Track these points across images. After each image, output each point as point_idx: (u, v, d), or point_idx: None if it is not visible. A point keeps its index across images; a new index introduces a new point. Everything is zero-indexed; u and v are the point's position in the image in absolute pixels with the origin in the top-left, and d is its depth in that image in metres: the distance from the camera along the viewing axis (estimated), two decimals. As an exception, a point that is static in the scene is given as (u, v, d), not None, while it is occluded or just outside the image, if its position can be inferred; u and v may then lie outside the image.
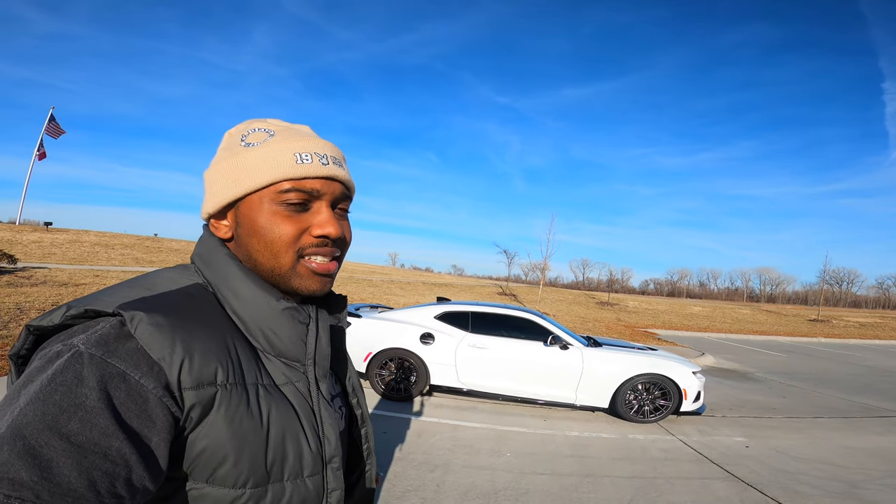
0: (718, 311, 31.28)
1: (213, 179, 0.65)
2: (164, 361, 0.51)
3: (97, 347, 0.48)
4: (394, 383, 5.49)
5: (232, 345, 0.58)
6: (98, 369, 0.47)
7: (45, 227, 22.46)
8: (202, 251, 0.66)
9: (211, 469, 0.54)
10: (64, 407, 0.44)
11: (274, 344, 0.62)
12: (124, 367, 0.48)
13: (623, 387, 5.38)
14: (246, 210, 0.63)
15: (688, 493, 3.59)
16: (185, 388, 0.51)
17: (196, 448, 0.53)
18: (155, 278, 0.62)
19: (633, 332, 16.39)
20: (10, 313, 6.67)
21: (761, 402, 7.12)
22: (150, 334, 0.51)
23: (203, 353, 0.53)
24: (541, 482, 3.59)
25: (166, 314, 0.54)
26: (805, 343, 19.20)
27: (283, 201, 0.61)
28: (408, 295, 20.12)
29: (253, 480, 0.56)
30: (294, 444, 0.59)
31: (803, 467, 4.35)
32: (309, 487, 0.61)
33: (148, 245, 22.70)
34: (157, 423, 0.49)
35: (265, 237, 0.62)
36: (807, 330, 24.70)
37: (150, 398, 0.49)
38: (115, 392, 0.47)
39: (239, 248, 0.65)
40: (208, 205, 0.66)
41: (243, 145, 0.64)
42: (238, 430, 0.54)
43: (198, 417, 0.52)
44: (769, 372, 10.25)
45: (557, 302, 28.12)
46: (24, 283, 9.43)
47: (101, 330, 0.50)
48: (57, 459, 0.42)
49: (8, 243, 15.35)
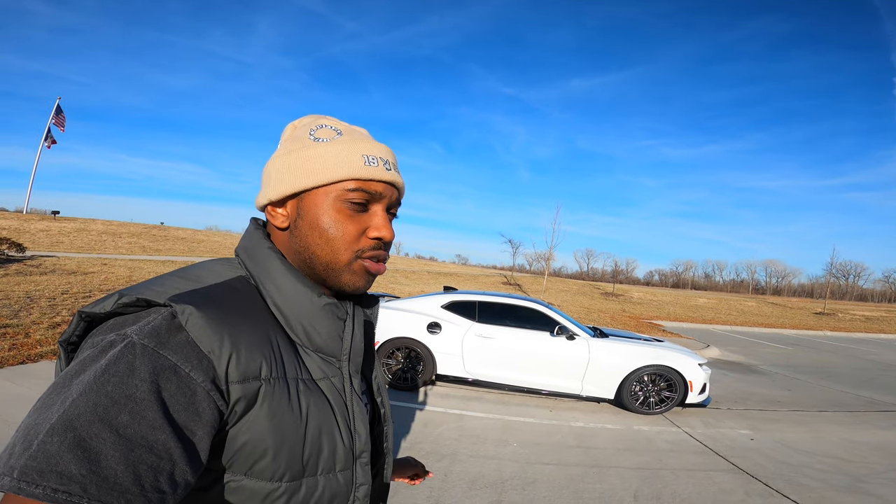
0: (724, 303, 31.22)
1: (279, 168, 0.66)
2: (214, 355, 0.51)
3: (150, 338, 0.49)
4: (400, 373, 5.52)
5: (274, 339, 0.59)
6: (150, 361, 0.47)
7: (53, 216, 22.61)
8: (248, 244, 0.67)
9: (251, 462, 0.54)
10: (116, 398, 0.44)
11: (313, 339, 0.63)
12: (175, 360, 0.49)
13: (629, 378, 5.40)
14: (310, 203, 0.64)
15: (693, 485, 3.61)
16: (231, 382, 0.52)
17: (238, 442, 0.53)
18: (202, 270, 0.63)
19: (638, 323, 16.38)
20: (21, 302, 6.73)
21: (766, 394, 7.12)
22: (201, 327, 0.52)
23: (249, 348, 0.54)
24: (547, 472, 3.62)
25: (215, 307, 0.54)
26: (811, 336, 19.14)
27: (348, 199, 0.63)
28: (412, 284, 20.17)
29: (290, 474, 0.57)
30: (329, 439, 0.60)
31: (808, 460, 4.36)
32: (340, 482, 0.62)
33: (154, 234, 22.82)
34: (203, 417, 0.49)
35: (327, 233, 0.63)
36: (812, 323, 24.61)
37: (199, 391, 0.49)
38: (166, 384, 0.47)
39: (295, 238, 0.65)
40: (271, 192, 0.65)
41: (312, 139, 0.65)
42: (279, 424, 0.55)
43: (241, 411, 0.53)
44: (774, 365, 10.25)
45: (562, 292, 28.12)
46: (32, 272, 9.52)
47: (154, 321, 0.51)
48: (106, 452, 0.42)
49: (16, 232, 15.46)
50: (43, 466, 0.40)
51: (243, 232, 0.69)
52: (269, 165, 0.68)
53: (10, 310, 6.19)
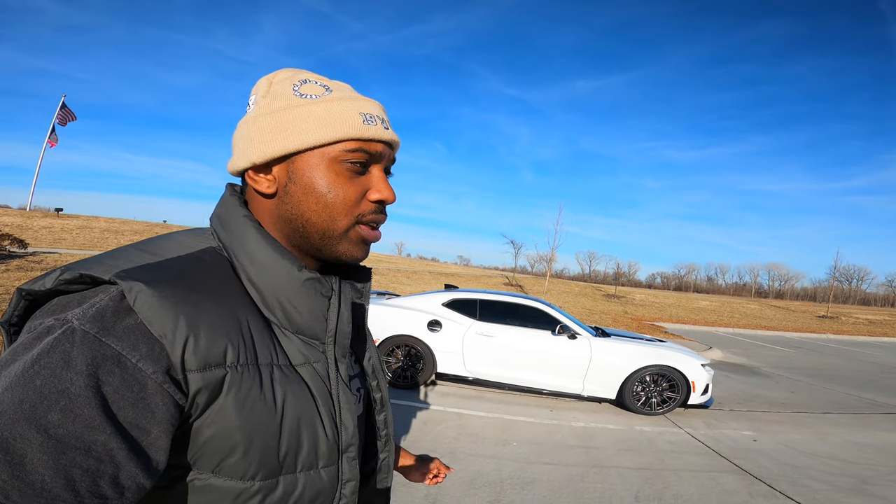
0: (726, 306, 31.11)
1: (262, 128, 0.58)
2: (166, 339, 0.45)
3: (92, 324, 0.43)
4: (400, 371, 5.49)
5: (244, 319, 0.52)
6: (90, 350, 0.42)
7: (56, 213, 22.68)
8: (221, 212, 0.60)
9: (218, 459, 0.49)
10: (45, 394, 0.39)
11: (292, 318, 0.57)
12: (120, 348, 0.43)
13: (631, 378, 5.35)
14: (303, 166, 0.57)
15: (695, 486, 3.57)
16: (189, 371, 0.46)
17: (202, 436, 0.48)
18: (164, 241, 0.57)
19: (639, 324, 16.33)
20: (21, 296, 6.74)
21: (769, 396, 7.07)
22: (151, 307, 0.45)
23: (210, 330, 0.48)
24: (547, 472, 3.58)
25: (170, 283, 0.48)
26: (814, 339, 19.05)
27: (347, 160, 0.57)
28: (414, 284, 20.15)
29: (263, 472, 0.51)
30: (310, 432, 0.54)
31: (812, 462, 4.31)
32: (323, 479, 0.56)
33: (157, 231, 22.86)
34: (157, 412, 0.44)
35: (325, 197, 0.57)
36: (815, 326, 24.52)
37: (149, 384, 0.43)
38: (107, 377, 0.42)
39: (285, 204, 0.59)
40: (253, 154, 0.58)
41: (298, 96, 0.58)
42: (249, 416, 0.49)
43: (204, 403, 0.47)
44: (777, 367, 10.19)
45: (564, 293, 28.06)
46: (34, 268, 9.53)
47: (99, 303, 0.45)
48: (31, 455, 0.37)
49: (18, 228, 15.51)
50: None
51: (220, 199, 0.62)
52: (244, 125, 0.60)
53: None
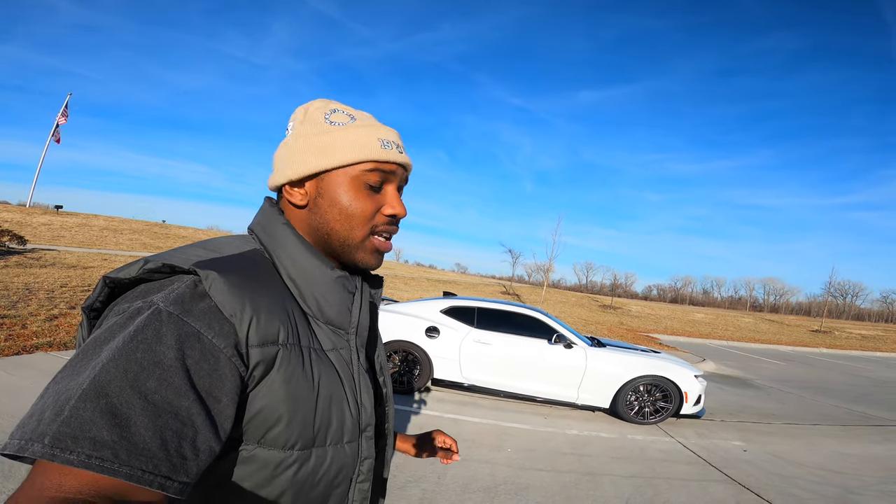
0: (721, 319, 31.25)
1: (297, 148, 0.68)
2: (236, 318, 0.53)
3: (175, 306, 0.50)
4: (397, 375, 5.54)
5: (289, 307, 0.61)
6: (175, 328, 0.48)
7: (56, 211, 22.64)
8: (262, 220, 0.69)
9: (265, 429, 0.55)
10: (145, 365, 0.45)
11: (324, 310, 0.65)
12: (199, 327, 0.50)
13: (625, 387, 5.42)
14: (331, 182, 0.67)
15: (685, 495, 3.63)
16: (251, 346, 0.53)
17: (254, 407, 0.54)
18: (220, 243, 0.65)
19: (635, 335, 16.41)
20: (19, 293, 6.76)
21: (760, 408, 7.14)
22: (223, 292, 0.53)
23: (268, 313, 0.56)
24: (540, 478, 3.64)
25: (237, 274, 0.56)
26: (806, 353, 19.16)
27: (366, 180, 0.67)
28: (411, 290, 20.18)
29: (301, 442, 0.58)
30: (338, 409, 0.62)
31: (800, 472, 4.38)
32: (347, 453, 0.63)
33: (156, 231, 22.84)
34: (227, 383, 0.50)
35: (346, 210, 0.67)
36: (809, 340, 24.64)
37: (221, 358, 0.50)
38: (190, 351, 0.48)
39: (314, 215, 0.68)
40: (290, 171, 0.68)
41: (329, 123, 0.68)
42: (294, 390, 0.56)
43: (259, 376, 0.54)
44: (769, 379, 10.27)
45: (560, 303, 28.14)
46: (32, 265, 9.54)
47: (178, 289, 0.52)
48: (135, 418, 0.42)
49: (18, 225, 15.48)
50: (76, 433, 0.40)
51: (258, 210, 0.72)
52: (283, 147, 0.70)
53: (8, 301, 6.22)
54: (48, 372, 4.18)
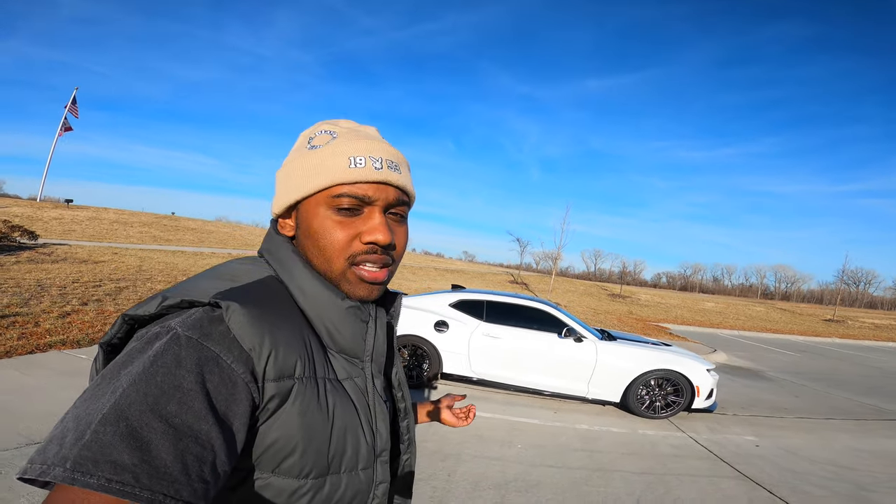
0: (732, 308, 31.02)
1: (280, 179, 0.68)
2: (255, 352, 0.53)
3: (194, 330, 0.50)
4: (406, 370, 5.55)
5: (307, 338, 0.60)
6: (195, 351, 0.49)
7: (66, 204, 22.86)
8: (270, 247, 0.68)
9: (279, 459, 0.55)
10: (165, 388, 0.45)
11: (336, 340, 0.64)
12: (218, 351, 0.50)
13: (636, 382, 5.38)
14: (304, 212, 0.64)
15: (696, 491, 3.61)
16: (268, 380, 0.53)
17: (268, 439, 0.54)
18: (234, 270, 0.63)
19: (644, 325, 16.33)
20: (31, 290, 6.81)
21: (773, 401, 7.08)
22: (242, 325, 0.53)
23: (287, 346, 0.55)
24: (551, 475, 3.63)
25: (256, 305, 0.55)
26: (819, 343, 18.98)
27: (335, 206, 0.62)
28: (419, 280, 20.21)
29: (315, 471, 0.58)
30: (353, 437, 0.61)
31: (813, 468, 4.34)
32: (361, 480, 0.63)
33: (165, 223, 23.01)
34: (241, 408, 0.50)
35: (318, 241, 0.63)
36: (821, 330, 24.41)
37: (239, 382, 0.51)
38: (210, 375, 0.48)
39: (299, 246, 0.67)
40: (275, 205, 0.68)
41: (308, 147, 0.66)
42: (309, 422, 0.56)
43: (274, 408, 0.54)
44: (782, 371, 10.18)
45: (569, 292, 28.06)
46: (44, 260, 9.64)
47: (196, 314, 0.52)
48: (156, 442, 0.42)
49: (29, 219, 15.65)
50: (97, 456, 0.40)
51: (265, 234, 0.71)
52: (276, 175, 0.69)
53: (20, 298, 6.26)
54: (62, 371, 4.21)
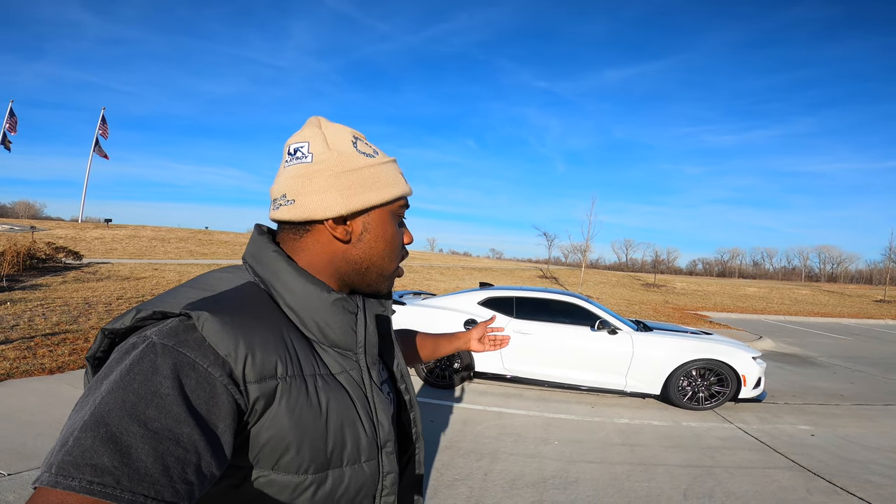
0: (775, 292, 29.79)
1: (336, 182, 0.65)
2: (231, 357, 0.54)
3: (169, 338, 0.52)
4: (437, 370, 5.50)
5: (288, 338, 0.60)
6: (171, 358, 0.50)
7: (106, 224, 23.92)
8: (254, 250, 0.68)
9: (276, 458, 0.57)
10: (142, 394, 0.47)
11: (327, 334, 0.65)
12: (194, 356, 0.51)
13: (676, 373, 5.19)
14: (377, 218, 0.69)
15: (749, 483, 3.42)
16: (249, 383, 0.54)
17: (261, 439, 0.56)
18: (212, 279, 0.65)
19: (682, 314, 15.82)
20: (79, 308, 7.12)
21: (826, 388, 6.72)
22: (215, 332, 0.54)
23: (263, 348, 0.56)
24: (590, 471, 3.52)
25: (228, 312, 0.57)
26: (871, 325, 17.99)
27: (398, 215, 0.72)
28: (448, 280, 20.19)
29: (314, 467, 0.59)
30: (352, 430, 0.63)
31: (874, 456, 4.07)
32: (366, 472, 0.64)
33: (200, 238, 23.76)
34: (223, 410, 0.52)
35: (391, 243, 0.71)
36: (873, 311, 23.14)
37: (217, 386, 0.52)
38: (186, 380, 0.50)
39: (355, 249, 0.69)
40: (338, 206, 0.65)
41: (360, 153, 0.68)
42: (299, 420, 0.57)
43: (261, 409, 0.55)
44: (833, 356, 9.67)
45: (600, 284, 27.52)
46: (89, 279, 10.08)
47: (171, 323, 0.54)
48: (136, 445, 0.44)
49: (72, 240, 16.42)
50: (78, 460, 0.42)
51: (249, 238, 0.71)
52: (308, 176, 0.65)
53: (69, 316, 6.56)
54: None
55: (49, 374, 4.45)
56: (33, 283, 8.91)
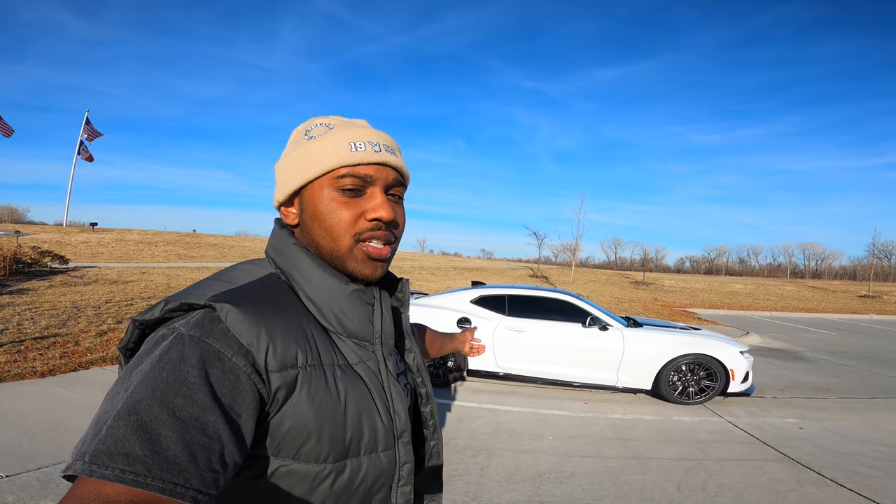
0: (761, 289, 30.21)
1: (281, 170, 0.71)
2: (253, 347, 0.55)
3: (195, 329, 0.54)
4: (432, 369, 5.52)
5: (308, 329, 0.62)
6: (197, 348, 0.52)
7: (92, 228, 23.55)
8: (275, 243, 0.71)
9: (297, 447, 0.58)
10: (171, 383, 0.48)
11: (345, 325, 0.66)
12: (219, 346, 0.53)
13: (666, 368, 5.26)
14: (309, 196, 0.68)
15: (740, 475, 3.49)
16: (271, 372, 0.56)
17: (283, 428, 0.57)
18: (235, 272, 0.67)
19: (671, 311, 16.01)
20: (68, 311, 7.02)
21: (813, 382, 6.85)
22: (238, 322, 0.56)
23: (284, 338, 0.58)
24: (585, 465, 3.56)
25: (251, 303, 0.58)
26: (856, 320, 18.35)
27: (339, 187, 0.66)
28: (439, 280, 20.21)
29: (333, 455, 0.60)
30: (369, 420, 0.63)
31: (862, 449, 4.17)
32: (383, 461, 0.65)
33: (188, 241, 23.50)
34: (247, 399, 0.53)
35: (325, 221, 0.66)
36: (857, 306, 23.59)
37: (241, 375, 0.53)
38: (212, 369, 0.51)
39: (303, 232, 0.70)
40: (278, 193, 0.71)
41: (306, 138, 0.70)
42: (319, 408, 0.58)
43: (283, 398, 0.57)
44: (819, 351, 9.85)
45: (590, 283, 27.71)
46: (77, 283, 9.93)
47: (197, 315, 0.56)
48: (165, 434, 0.45)
49: (58, 244, 16.16)
50: (111, 449, 0.43)
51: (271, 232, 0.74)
52: (276, 168, 0.73)
53: (58, 319, 6.47)
54: (105, 386, 4.33)
55: (41, 377, 4.41)
56: (20, 287, 8.76)
